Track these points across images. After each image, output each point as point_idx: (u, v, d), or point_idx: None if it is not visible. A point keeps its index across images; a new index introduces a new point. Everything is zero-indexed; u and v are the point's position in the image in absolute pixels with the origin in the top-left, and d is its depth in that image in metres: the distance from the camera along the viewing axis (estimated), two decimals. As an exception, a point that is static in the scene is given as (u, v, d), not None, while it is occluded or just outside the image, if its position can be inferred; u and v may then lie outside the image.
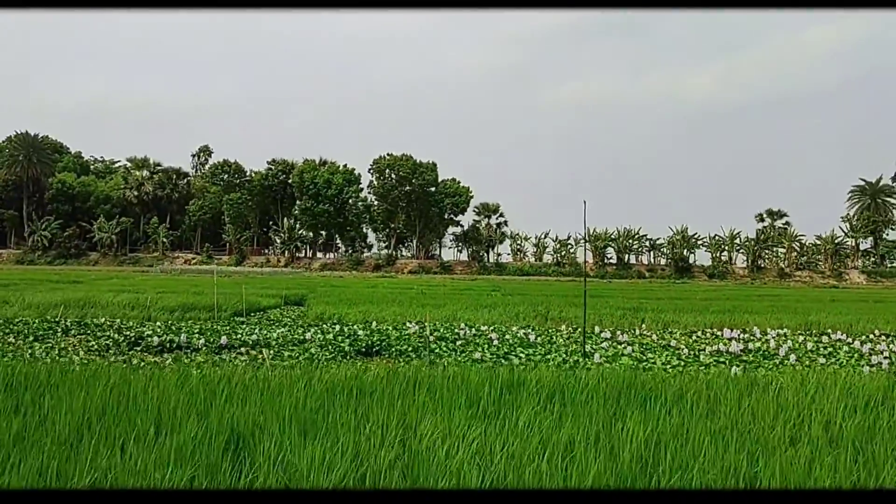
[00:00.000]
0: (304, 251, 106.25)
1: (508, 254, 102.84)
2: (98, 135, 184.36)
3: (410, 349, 13.82)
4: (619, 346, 14.88)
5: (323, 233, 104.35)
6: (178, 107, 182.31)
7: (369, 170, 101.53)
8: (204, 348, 13.61)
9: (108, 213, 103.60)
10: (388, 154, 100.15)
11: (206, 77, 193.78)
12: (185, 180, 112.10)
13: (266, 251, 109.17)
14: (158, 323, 17.97)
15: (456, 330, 17.26)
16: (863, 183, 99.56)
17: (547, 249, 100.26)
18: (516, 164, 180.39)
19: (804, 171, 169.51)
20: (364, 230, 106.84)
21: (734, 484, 4.76)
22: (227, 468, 4.70)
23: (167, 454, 4.84)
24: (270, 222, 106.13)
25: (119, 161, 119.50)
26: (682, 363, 12.37)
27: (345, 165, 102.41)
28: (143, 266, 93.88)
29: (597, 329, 19.01)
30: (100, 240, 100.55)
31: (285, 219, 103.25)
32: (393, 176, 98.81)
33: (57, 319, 18.10)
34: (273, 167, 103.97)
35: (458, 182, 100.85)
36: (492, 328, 17.95)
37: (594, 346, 14.74)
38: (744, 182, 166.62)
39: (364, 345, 14.10)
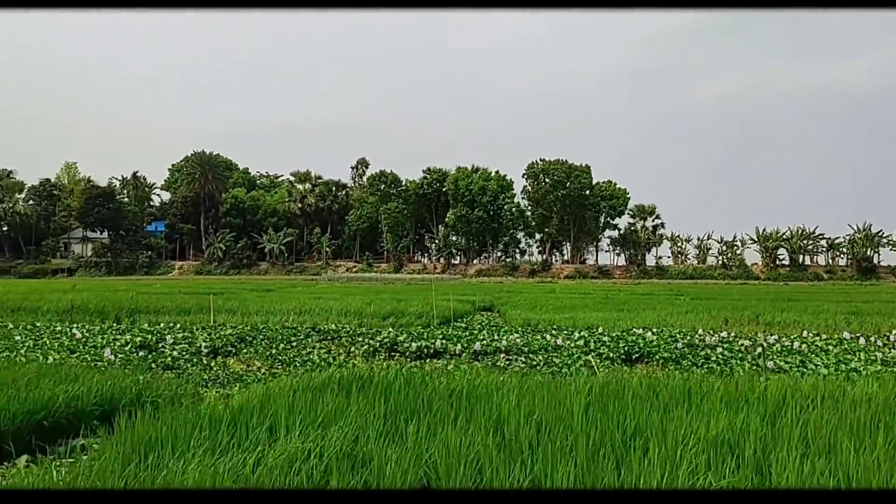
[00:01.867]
0: (458, 257, 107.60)
1: (668, 256, 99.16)
2: (264, 151, 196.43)
3: (673, 357, 13.16)
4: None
5: (477, 239, 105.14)
6: (337, 122, 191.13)
7: (523, 175, 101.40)
8: (463, 354, 13.62)
9: (276, 225, 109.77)
10: (541, 159, 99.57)
11: (358, 94, 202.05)
12: (345, 191, 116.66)
13: (421, 258, 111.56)
14: (391, 330, 18.31)
15: (698, 338, 16.38)
16: None
17: (710, 251, 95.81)
18: (663, 165, 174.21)
19: None
20: (517, 236, 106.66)
21: None
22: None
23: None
24: (424, 230, 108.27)
25: (283, 175, 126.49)
26: None
27: (497, 171, 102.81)
28: (308, 274, 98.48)
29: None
30: (270, 250, 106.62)
31: (440, 226, 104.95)
32: (547, 180, 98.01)
33: (294, 326, 18.96)
34: (428, 176, 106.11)
35: (615, 184, 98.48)
36: (735, 335, 16.92)
37: (868, 354, 13.43)
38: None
39: (622, 351, 13.61)
